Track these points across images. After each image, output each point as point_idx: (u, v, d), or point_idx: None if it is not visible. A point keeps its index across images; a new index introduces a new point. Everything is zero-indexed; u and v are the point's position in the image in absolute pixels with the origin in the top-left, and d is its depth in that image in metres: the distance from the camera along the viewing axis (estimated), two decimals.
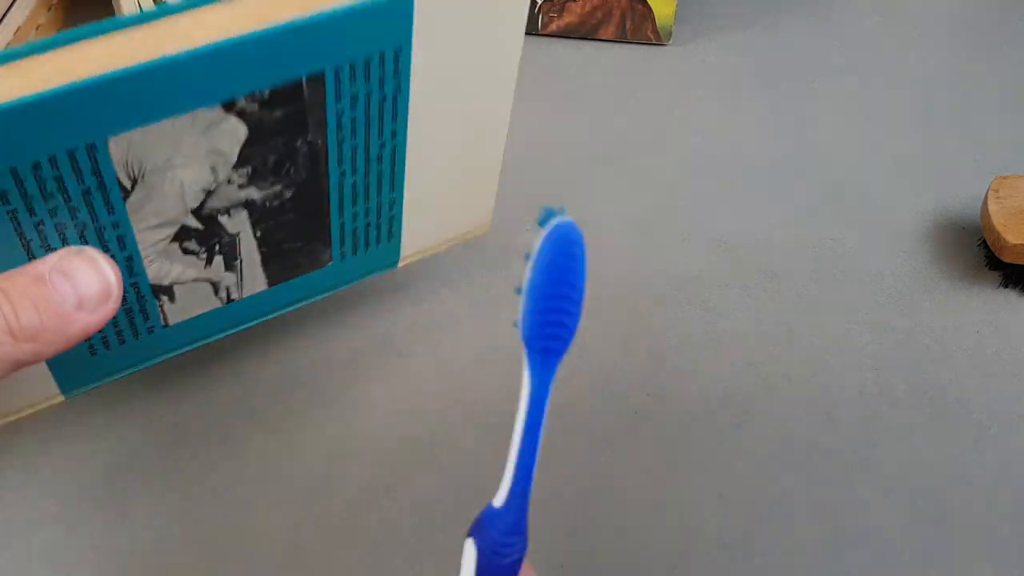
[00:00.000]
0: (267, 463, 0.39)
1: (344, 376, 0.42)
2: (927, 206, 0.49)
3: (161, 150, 0.29)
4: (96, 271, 0.29)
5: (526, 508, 0.26)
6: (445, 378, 0.42)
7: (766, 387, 0.42)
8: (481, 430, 0.40)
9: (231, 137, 0.30)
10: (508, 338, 0.43)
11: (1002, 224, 0.43)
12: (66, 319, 0.28)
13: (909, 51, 0.58)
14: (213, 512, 0.38)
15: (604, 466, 0.39)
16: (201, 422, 0.41)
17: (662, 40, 0.58)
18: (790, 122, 0.53)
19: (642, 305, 0.45)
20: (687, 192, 0.50)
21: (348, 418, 0.41)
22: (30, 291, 0.28)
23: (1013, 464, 0.39)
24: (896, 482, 0.39)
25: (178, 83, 0.28)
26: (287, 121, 0.31)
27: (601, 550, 0.37)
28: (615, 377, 0.42)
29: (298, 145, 0.32)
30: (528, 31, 0.59)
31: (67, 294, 0.28)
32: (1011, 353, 0.43)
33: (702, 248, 0.47)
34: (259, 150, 0.31)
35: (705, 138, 0.52)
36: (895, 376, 0.42)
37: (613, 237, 0.47)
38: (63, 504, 0.38)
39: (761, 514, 0.38)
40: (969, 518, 0.38)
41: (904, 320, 0.44)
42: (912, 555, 0.37)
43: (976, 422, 0.41)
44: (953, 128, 0.53)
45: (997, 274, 0.45)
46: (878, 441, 0.40)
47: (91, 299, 0.29)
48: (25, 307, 0.28)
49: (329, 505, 0.38)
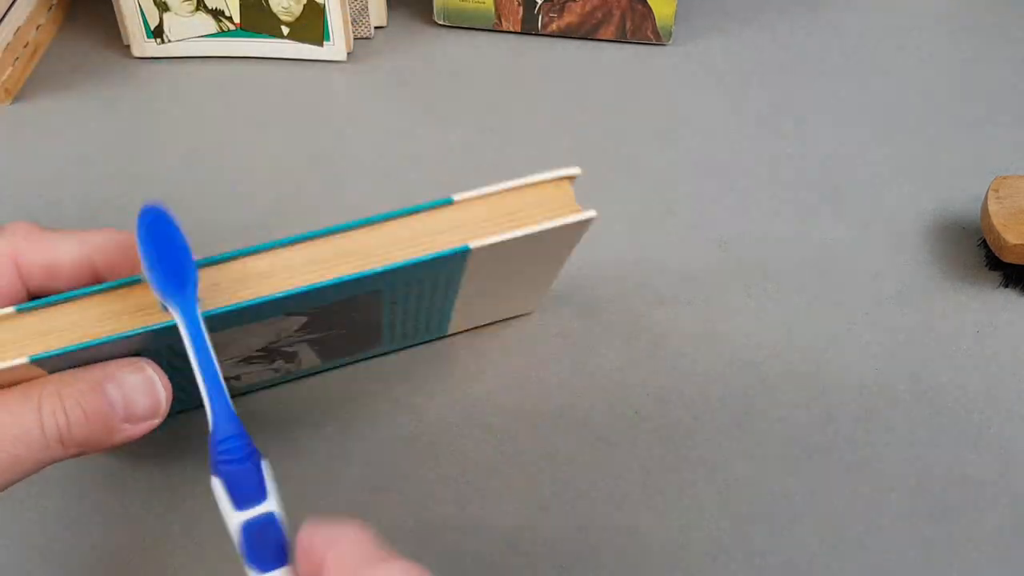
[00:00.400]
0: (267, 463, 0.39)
1: (344, 376, 0.42)
2: (927, 206, 0.49)
3: (229, 337, 0.33)
4: (149, 390, 0.31)
5: (232, 415, 0.29)
6: (446, 378, 0.42)
7: (766, 387, 0.42)
8: (481, 430, 0.40)
9: (293, 323, 0.34)
10: (508, 337, 0.44)
11: (1002, 224, 0.43)
12: (112, 431, 0.30)
13: (909, 51, 0.58)
14: (213, 512, 0.38)
15: (604, 466, 0.39)
16: (201, 422, 0.40)
17: (662, 40, 0.58)
18: (790, 122, 0.53)
19: (642, 305, 0.45)
20: (687, 192, 0.50)
21: (349, 418, 0.41)
22: (85, 400, 0.29)
23: (1013, 464, 0.39)
24: (896, 482, 0.39)
25: (248, 315, 0.31)
26: (344, 311, 0.35)
27: (601, 550, 0.37)
28: (615, 377, 0.42)
29: (354, 316, 0.36)
30: (528, 31, 0.59)
31: (118, 407, 0.30)
32: (1011, 353, 0.43)
33: (702, 248, 0.47)
34: (317, 323, 0.35)
35: (705, 138, 0.52)
36: (895, 376, 0.42)
37: (613, 237, 0.47)
38: (63, 504, 0.38)
39: (761, 514, 0.38)
40: (969, 518, 0.38)
41: (904, 320, 0.44)
42: (912, 555, 0.37)
43: (976, 422, 0.41)
44: (953, 128, 0.53)
45: (997, 274, 0.45)
46: (878, 441, 0.40)
47: (139, 415, 0.31)
48: (77, 417, 0.29)
49: (329, 505, 0.38)
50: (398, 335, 0.41)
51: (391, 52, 0.58)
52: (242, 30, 0.56)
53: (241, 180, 0.50)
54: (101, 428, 0.30)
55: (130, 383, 0.30)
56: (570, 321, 0.44)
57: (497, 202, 0.33)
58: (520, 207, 0.33)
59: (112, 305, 0.30)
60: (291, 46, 0.56)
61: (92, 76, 0.57)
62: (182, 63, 0.57)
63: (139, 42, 0.57)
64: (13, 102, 0.55)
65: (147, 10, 0.55)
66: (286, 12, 0.55)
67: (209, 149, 0.52)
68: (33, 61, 0.58)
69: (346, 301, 0.34)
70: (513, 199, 0.33)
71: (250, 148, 0.52)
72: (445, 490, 0.39)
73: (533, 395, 0.41)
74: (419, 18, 0.60)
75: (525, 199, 0.33)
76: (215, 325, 0.31)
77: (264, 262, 0.31)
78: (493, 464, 0.40)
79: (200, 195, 0.50)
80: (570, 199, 0.34)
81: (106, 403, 0.30)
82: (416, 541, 0.37)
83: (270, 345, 0.36)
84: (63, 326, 0.30)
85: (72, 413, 0.29)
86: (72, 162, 0.52)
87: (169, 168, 0.51)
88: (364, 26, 0.58)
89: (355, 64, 0.57)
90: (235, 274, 0.31)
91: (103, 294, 0.30)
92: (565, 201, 0.34)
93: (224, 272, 0.31)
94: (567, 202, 0.34)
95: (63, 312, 0.30)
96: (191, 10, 0.55)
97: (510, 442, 0.40)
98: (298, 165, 0.51)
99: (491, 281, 0.37)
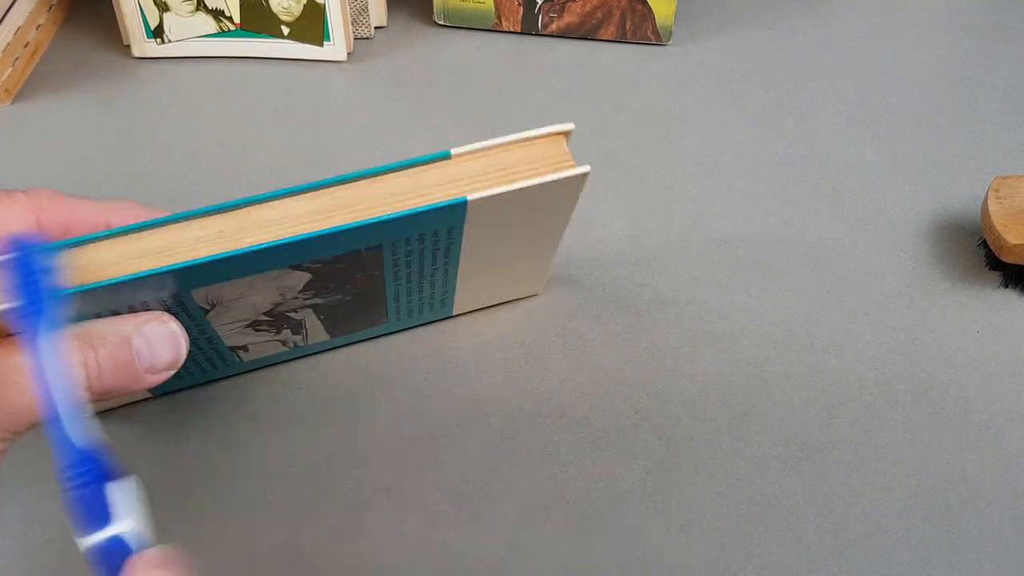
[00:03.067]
0: (267, 463, 0.39)
1: (344, 376, 0.42)
2: (927, 206, 0.49)
3: (235, 291, 0.34)
4: (172, 344, 0.33)
5: (72, 443, 0.29)
6: (446, 378, 0.42)
7: (766, 387, 0.42)
8: (481, 430, 0.40)
9: (297, 280, 0.35)
10: (508, 337, 0.44)
11: (1002, 224, 0.43)
12: (137, 380, 0.32)
13: (909, 51, 0.58)
14: (213, 512, 0.38)
15: (604, 466, 0.39)
16: (201, 422, 0.41)
17: (662, 40, 0.58)
18: (790, 122, 0.53)
19: (642, 305, 0.45)
20: (687, 192, 0.50)
21: (348, 418, 0.41)
22: (115, 353, 0.31)
23: (1013, 464, 0.39)
24: (896, 482, 0.39)
25: (253, 263, 0.32)
26: (347, 269, 0.35)
27: (602, 550, 0.37)
28: (615, 377, 0.42)
29: (357, 276, 0.36)
30: (528, 31, 0.59)
31: (144, 359, 0.32)
32: (1011, 353, 0.43)
33: (702, 248, 0.47)
34: (321, 283, 0.36)
35: (705, 138, 0.52)
36: (895, 376, 0.42)
37: (613, 237, 0.47)
38: (63, 504, 0.38)
39: (761, 514, 0.38)
40: (969, 518, 0.38)
41: (904, 320, 0.44)
42: (912, 555, 0.37)
43: (976, 422, 0.41)
44: (953, 128, 0.53)
45: (997, 274, 0.45)
46: (878, 441, 0.40)
47: (162, 366, 0.32)
48: (108, 368, 0.31)
49: (329, 505, 0.38)
50: (403, 312, 0.41)
51: (391, 52, 0.58)
52: (242, 30, 0.56)
53: (241, 180, 0.50)
54: (128, 377, 0.31)
55: (156, 336, 0.32)
56: (570, 321, 0.44)
57: (493, 157, 0.34)
58: (516, 162, 0.34)
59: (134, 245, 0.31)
60: (291, 46, 0.57)
61: (92, 76, 0.57)
62: (182, 63, 0.57)
63: (139, 42, 0.57)
64: (13, 102, 0.55)
65: (147, 10, 0.55)
66: (286, 12, 0.55)
67: (209, 149, 0.52)
68: (33, 61, 0.58)
69: (348, 258, 0.34)
70: (509, 154, 0.34)
71: (250, 148, 0.52)
72: (445, 490, 0.39)
73: (533, 395, 0.41)
74: (419, 18, 0.60)
75: (521, 154, 0.34)
76: (222, 272, 0.32)
77: (267, 212, 0.32)
78: (493, 464, 0.40)
79: (200, 195, 0.50)
80: (565, 155, 0.34)
81: (135, 355, 0.31)
82: (416, 541, 0.37)
83: (276, 308, 0.37)
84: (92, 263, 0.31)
85: (104, 363, 0.31)
86: (72, 162, 0.52)
87: (169, 168, 0.51)
88: (364, 26, 0.58)
89: (355, 64, 0.57)
90: (239, 222, 0.32)
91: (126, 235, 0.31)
92: (560, 157, 0.34)
93: (229, 220, 0.32)
94: (562, 158, 0.34)
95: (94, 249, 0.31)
96: (191, 10, 0.55)
97: (510, 442, 0.40)
98: (298, 165, 0.51)
99: (492, 247, 0.38)
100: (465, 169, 0.33)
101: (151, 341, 0.32)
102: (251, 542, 0.37)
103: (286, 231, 0.32)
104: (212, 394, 0.41)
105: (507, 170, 0.34)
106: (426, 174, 0.33)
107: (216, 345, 0.38)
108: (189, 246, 0.31)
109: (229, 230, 0.32)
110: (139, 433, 0.40)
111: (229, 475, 0.39)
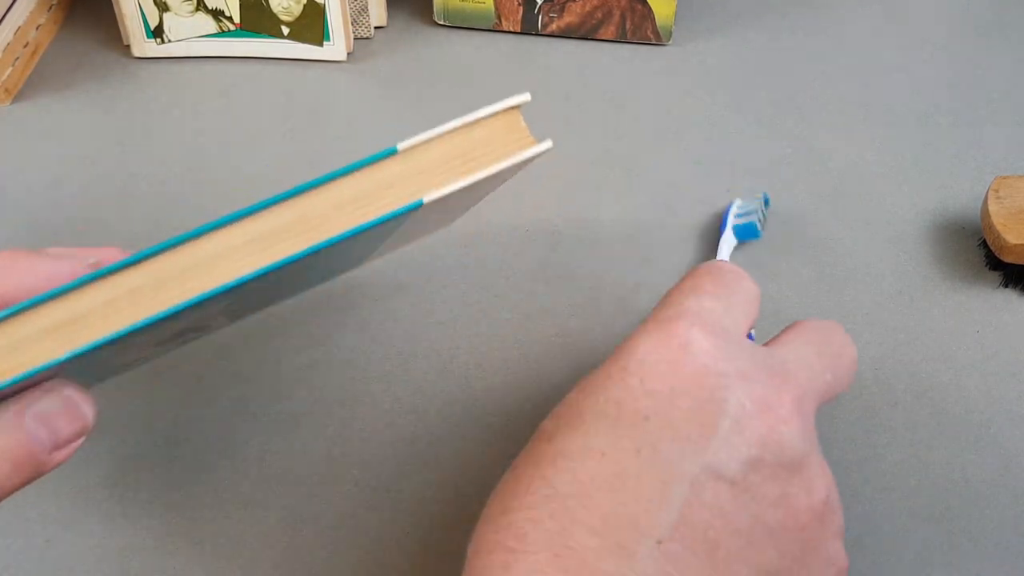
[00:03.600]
0: (267, 463, 0.39)
1: (344, 376, 0.42)
2: (927, 206, 0.49)
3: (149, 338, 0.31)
4: (73, 415, 0.28)
5: None
6: (445, 378, 0.42)
7: None
8: (481, 430, 0.40)
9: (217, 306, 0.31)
10: (509, 337, 0.44)
11: (1002, 224, 0.43)
12: (43, 466, 0.28)
13: (909, 51, 0.58)
14: (213, 512, 0.38)
15: None
16: (201, 422, 0.41)
17: (662, 40, 0.58)
18: (790, 122, 0.53)
19: (643, 305, 0.45)
20: (687, 192, 0.50)
21: (348, 418, 0.41)
22: (9, 449, 0.27)
23: (1013, 464, 0.39)
24: (896, 482, 0.39)
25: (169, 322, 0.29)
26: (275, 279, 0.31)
27: None
28: None
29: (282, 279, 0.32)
30: (528, 31, 0.59)
31: (44, 441, 0.28)
32: (1011, 353, 0.43)
33: (702, 248, 0.47)
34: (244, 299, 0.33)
35: (705, 138, 0.52)
36: (895, 376, 0.42)
37: (613, 237, 0.47)
38: (63, 504, 0.38)
39: None
40: (969, 518, 0.38)
41: (904, 320, 0.44)
42: (912, 555, 0.37)
43: (976, 422, 0.41)
44: (953, 128, 0.53)
45: (997, 274, 0.45)
46: (878, 441, 0.40)
47: (66, 440, 0.28)
48: (5, 472, 0.27)
49: (329, 505, 0.38)
50: (318, 278, 0.38)
51: (391, 52, 0.58)
52: (242, 30, 0.56)
53: (241, 180, 0.50)
54: (32, 469, 0.27)
55: (52, 413, 0.28)
56: (569, 321, 0.44)
57: (445, 145, 0.30)
58: (471, 147, 0.30)
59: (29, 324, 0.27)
60: (291, 46, 0.57)
61: (92, 76, 0.57)
62: (182, 63, 0.57)
63: (139, 42, 0.57)
64: (13, 102, 0.55)
65: (147, 10, 0.55)
66: (286, 12, 0.55)
67: (209, 149, 0.52)
68: (33, 61, 0.58)
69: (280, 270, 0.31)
70: (462, 139, 0.30)
71: (250, 148, 0.52)
72: (445, 490, 0.39)
73: (533, 395, 0.41)
74: (419, 18, 0.60)
75: (474, 137, 0.30)
76: (131, 341, 0.28)
77: (199, 249, 0.28)
78: (493, 464, 0.40)
79: (200, 195, 0.50)
80: (522, 130, 0.31)
81: (31, 440, 0.27)
82: (416, 542, 0.37)
83: (186, 328, 0.33)
84: None
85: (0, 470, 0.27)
86: (72, 162, 0.52)
87: (169, 168, 0.51)
88: (364, 26, 0.58)
89: (355, 64, 0.57)
90: (160, 272, 0.28)
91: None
92: (518, 133, 0.31)
93: (149, 270, 0.27)
94: (520, 134, 0.31)
95: None
96: (191, 10, 0.55)
97: (510, 442, 0.40)
98: (298, 165, 0.51)
99: (433, 223, 0.36)
100: (418, 163, 0.30)
101: (47, 418, 0.28)
102: (251, 542, 0.37)
103: (219, 271, 0.28)
104: (211, 394, 0.41)
105: (462, 157, 0.30)
106: (374, 175, 0.29)
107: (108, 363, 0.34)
108: (100, 313, 0.27)
109: (147, 285, 0.27)
110: (139, 433, 0.40)
111: (229, 475, 0.39)
